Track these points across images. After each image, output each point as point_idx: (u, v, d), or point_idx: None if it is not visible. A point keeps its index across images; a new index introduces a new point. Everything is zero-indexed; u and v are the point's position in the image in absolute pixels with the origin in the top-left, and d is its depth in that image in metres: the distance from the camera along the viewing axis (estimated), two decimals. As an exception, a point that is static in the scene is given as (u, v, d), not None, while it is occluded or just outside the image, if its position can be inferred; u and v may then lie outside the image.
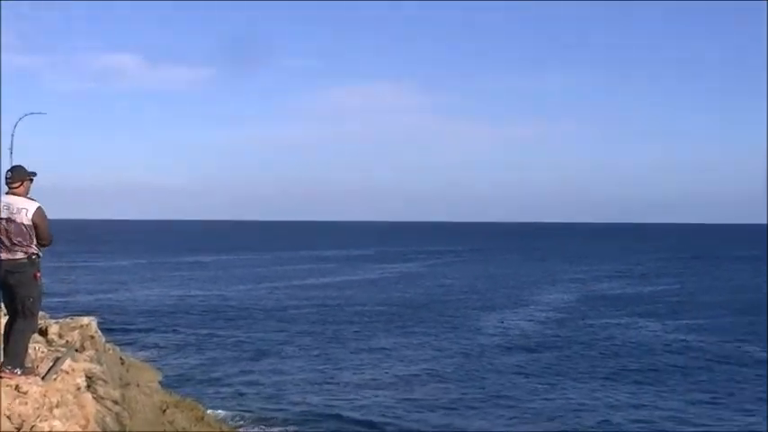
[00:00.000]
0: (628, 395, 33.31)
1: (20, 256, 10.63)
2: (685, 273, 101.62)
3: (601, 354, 42.88)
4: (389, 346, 44.58)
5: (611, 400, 32.55)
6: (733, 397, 33.05)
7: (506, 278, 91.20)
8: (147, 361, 22.71)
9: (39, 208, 10.73)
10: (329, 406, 31.09)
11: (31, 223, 10.63)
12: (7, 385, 10.23)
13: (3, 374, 10.47)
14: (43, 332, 14.83)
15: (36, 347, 12.69)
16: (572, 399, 32.63)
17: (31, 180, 10.92)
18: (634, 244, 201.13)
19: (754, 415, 30.18)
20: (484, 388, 34.57)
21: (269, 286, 77.96)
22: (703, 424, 28.99)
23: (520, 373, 37.61)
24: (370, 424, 28.83)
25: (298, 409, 30.65)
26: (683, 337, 48.06)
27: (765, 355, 42.20)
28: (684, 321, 54.81)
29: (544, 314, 58.88)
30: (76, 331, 15.26)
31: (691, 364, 39.88)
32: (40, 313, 12.46)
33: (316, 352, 42.77)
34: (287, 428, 28.02)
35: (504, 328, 51.92)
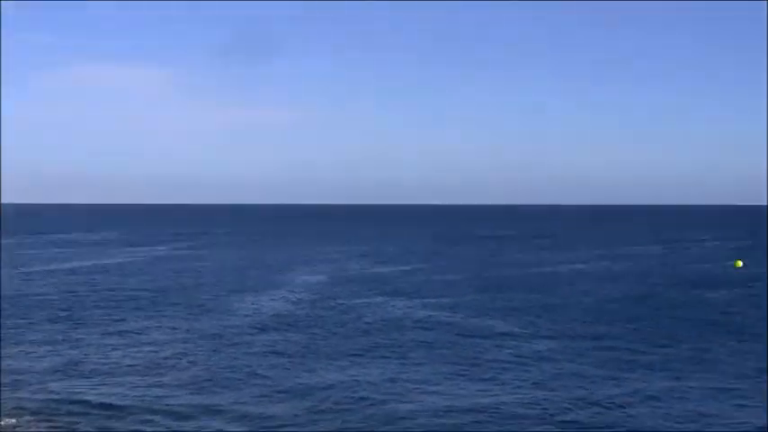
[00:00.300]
0: (378, 369, 34.18)
1: None
2: (430, 254, 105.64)
3: (352, 331, 43.79)
4: (139, 331, 43.50)
5: (360, 374, 33.28)
6: (478, 367, 34.68)
7: (260, 261, 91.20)
8: None
9: None
10: (73, 392, 29.89)
11: None
12: None
13: None
14: None
15: None
16: (324, 375, 33.09)
17: None
18: (389, 227, 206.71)
19: (500, 384, 31.82)
20: (235, 367, 34.42)
21: (8, 273, 73.81)
22: (450, 393, 30.21)
23: (273, 353, 37.74)
24: (117, 408, 27.98)
25: (39, 396, 29.26)
26: (430, 314, 49.96)
27: (504, 326, 44.74)
28: (431, 299, 57.00)
29: (297, 295, 59.42)
30: None
31: (438, 339, 41.48)
32: None
33: (60, 337, 41.02)
34: (28, 418, 26.65)
35: (257, 309, 51.94)
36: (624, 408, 28.03)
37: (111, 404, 28.42)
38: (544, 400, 29.02)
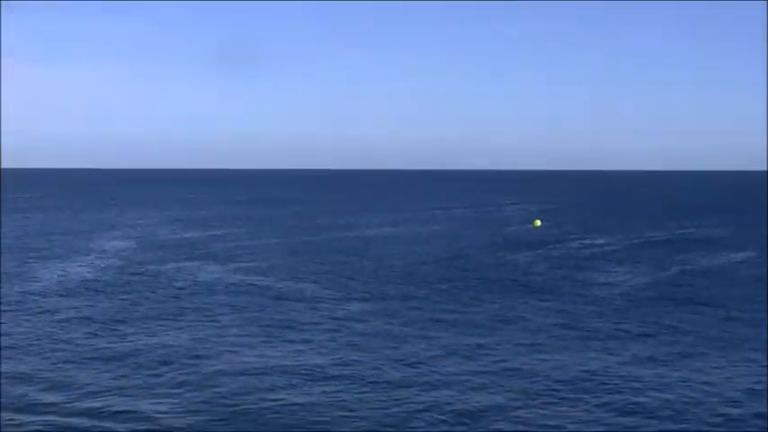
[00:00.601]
0: (189, 333, 33.83)
1: None
2: (240, 218, 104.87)
3: (162, 297, 43.09)
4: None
5: (171, 338, 32.85)
6: (291, 329, 34.88)
7: (65, 227, 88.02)
8: None
9: None
10: None
11: None
12: None
13: None
14: None
15: None
16: (134, 340, 32.52)
17: None
18: (200, 192, 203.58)
19: (313, 345, 32.11)
20: (41, 334, 33.29)
21: None
22: (262, 355, 30.26)
23: (80, 319, 36.69)
24: None
25: None
26: (241, 278, 49.75)
27: (316, 289, 45.16)
28: (243, 264, 56.74)
29: (105, 261, 57.81)
30: None
31: (250, 302, 41.38)
32: None
33: None
34: None
35: (63, 276, 50.21)
36: (433, 364, 28.92)
37: None
38: (356, 361, 29.54)
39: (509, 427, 22.30)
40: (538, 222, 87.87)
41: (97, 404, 24.33)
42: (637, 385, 26.34)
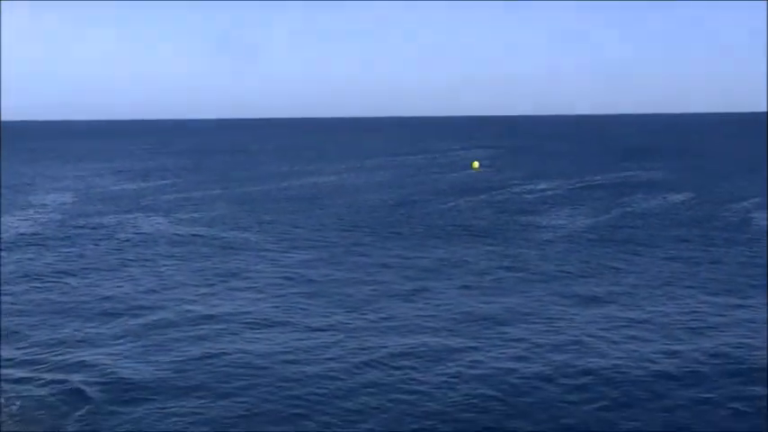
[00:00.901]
0: (132, 284, 33.74)
1: None
2: (182, 169, 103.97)
3: (103, 249, 42.78)
4: None
5: (114, 290, 32.75)
6: (237, 277, 34.95)
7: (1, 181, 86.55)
8: None
9: None
10: None
11: None
12: None
13: None
14: None
15: None
16: (75, 293, 32.34)
17: None
18: (140, 143, 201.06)
19: (260, 293, 32.21)
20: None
21: None
22: (208, 303, 30.31)
23: (22, 273, 36.33)
24: None
25: None
26: (186, 229, 49.50)
27: (263, 238, 45.18)
28: (185, 215, 56.43)
29: (45, 215, 57.09)
30: None
31: (195, 252, 41.28)
32: None
33: None
34: None
35: (2, 231, 49.49)
36: (380, 309, 29.20)
37: None
38: (302, 308, 29.70)
39: (455, 369, 22.69)
40: (476, 164, 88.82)
41: (40, 356, 24.24)
42: (581, 324, 26.90)
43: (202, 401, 20.52)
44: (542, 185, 75.31)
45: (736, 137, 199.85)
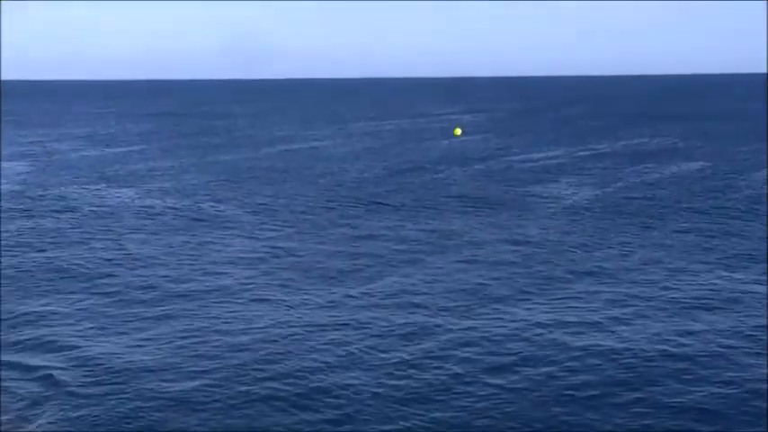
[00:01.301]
0: (98, 254, 33.70)
1: None
2: (150, 134, 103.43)
3: (66, 221, 42.70)
4: None
5: (77, 261, 32.69)
6: (209, 249, 34.91)
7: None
8: None
9: None
10: None
11: None
12: None
13: None
14: None
15: None
16: (37, 264, 32.29)
17: None
18: (105, 107, 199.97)
19: (232, 263, 32.18)
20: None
21: None
22: (177, 273, 30.27)
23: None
24: None
25: None
26: (154, 201, 49.39)
27: (236, 210, 45.08)
28: (155, 185, 56.26)
29: (2, 185, 56.77)
30: None
31: (161, 225, 41.26)
32: None
33: None
34: None
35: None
36: (370, 282, 29.22)
37: None
38: (281, 284, 29.71)
39: (447, 348, 22.68)
40: (458, 131, 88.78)
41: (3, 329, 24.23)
42: (586, 301, 26.92)
43: (174, 382, 20.47)
44: (544, 153, 75.23)
45: (749, 99, 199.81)
